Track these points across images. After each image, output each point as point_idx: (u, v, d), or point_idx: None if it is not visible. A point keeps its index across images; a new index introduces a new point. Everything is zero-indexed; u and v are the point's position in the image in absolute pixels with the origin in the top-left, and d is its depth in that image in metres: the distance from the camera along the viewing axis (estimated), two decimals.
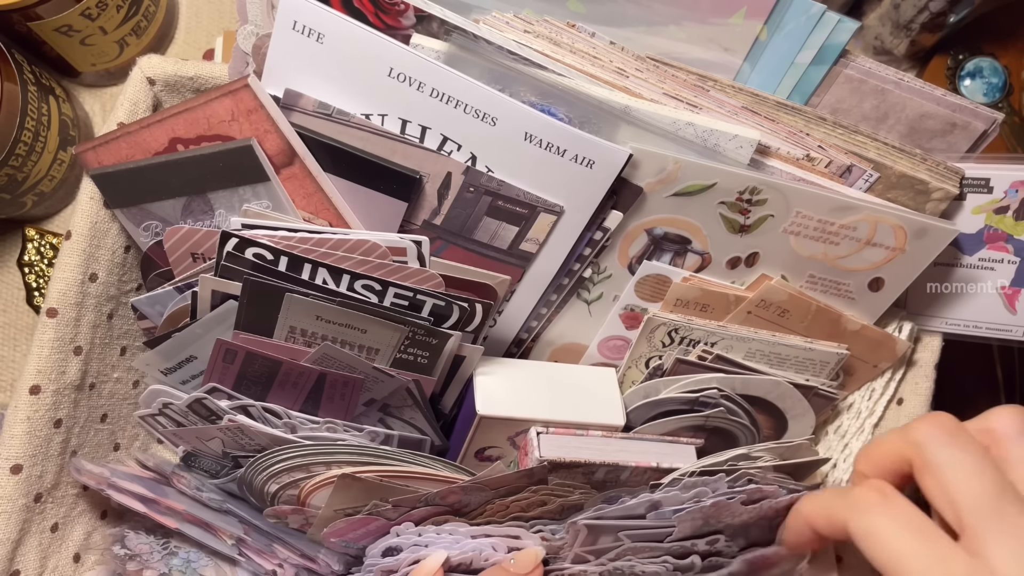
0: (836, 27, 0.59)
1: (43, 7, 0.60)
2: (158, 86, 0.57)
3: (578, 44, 0.57)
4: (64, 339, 0.53)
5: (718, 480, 0.53)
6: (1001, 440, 0.39)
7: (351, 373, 0.53)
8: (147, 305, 0.55)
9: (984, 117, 0.61)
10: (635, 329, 0.62)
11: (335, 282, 0.51)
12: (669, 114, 0.54)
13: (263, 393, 0.54)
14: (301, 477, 0.52)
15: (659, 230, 0.58)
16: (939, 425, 0.39)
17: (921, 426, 0.40)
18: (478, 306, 0.53)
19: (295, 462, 0.51)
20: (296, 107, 0.53)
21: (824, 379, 0.63)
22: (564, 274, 0.60)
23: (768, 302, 0.60)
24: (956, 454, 0.38)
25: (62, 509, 0.56)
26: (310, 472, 0.52)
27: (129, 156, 0.53)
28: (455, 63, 0.52)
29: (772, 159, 0.57)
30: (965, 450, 0.38)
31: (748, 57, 0.61)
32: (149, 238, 0.55)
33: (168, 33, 0.75)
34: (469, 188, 0.54)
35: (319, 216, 0.55)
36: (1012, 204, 0.61)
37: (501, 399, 0.57)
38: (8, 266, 0.71)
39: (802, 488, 0.58)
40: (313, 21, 0.51)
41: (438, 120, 0.53)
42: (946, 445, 0.38)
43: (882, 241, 0.58)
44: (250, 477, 0.53)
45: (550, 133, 0.52)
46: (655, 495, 0.52)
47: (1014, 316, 0.64)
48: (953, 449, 0.38)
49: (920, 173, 0.59)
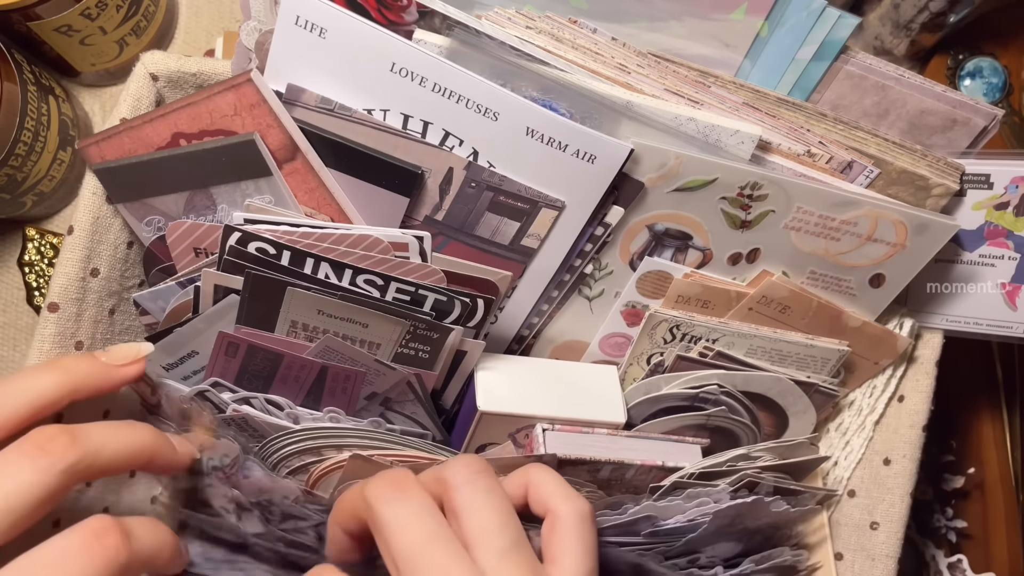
0: (837, 23, 0.59)
1: (43, 7, 0.60)
2: (161, 82, 0.57)
3: (580, 40, 0.57)
4: (65, 334, 0.53)
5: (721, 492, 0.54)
6: (449, 490, 0.39)
7: (353, 366, 0.53)
8: (149, 300, 0.55)
9: (984, 113, 0.62)
10: (636, 326, 0.62)
11: (337, 277, 0.51)
12: (670, 110, 0.54)
13: (265, 388, 0.54)
14: (311, 461, 0.52)
15: (660, 226, 0.58)
16: (388, 483, 0.40)
17: (372, 483, 0.40)
18: (480, 301, 0.53)
19: (306, 444, 0.51)
20: (298, 102, 0.53)
21: (825, 376, 0.63)
22: (565, 270, 0.60)
23: (769, 298, 0.60)
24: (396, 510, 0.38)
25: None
26: (321, 455, 0.52)
27: (132, 151, 0.53)
28: (457, 58, 0.52)
29: (773, 155, 0.57)
30: (406, 505, 0.38)
31: (749, 53, 0.61)
32: (152, 233, 0.55)
33: (168, 33, 0.75)
34: (471, 183, 0.54)
35: (321, 211, 0.55)
36: (1013, 200, 0.61)
37: (502, 395, 0.57)
38: (8, 266, 0.71)
39: (801, 488, 0.58)
40: (316, 16, 0.51)
41: (440, 115, 0.53)
42: (389, 501, 0.39)
43: (883, 237, 0.59)
44: (260, 460, 0.53)
45: (552, 128, 0.52)
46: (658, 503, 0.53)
47: (1014, 313, 0.64)
48: (394, 505, 0.39)
49: (921, 169, 0.59)
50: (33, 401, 0.42)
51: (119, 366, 0.46)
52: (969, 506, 0.80)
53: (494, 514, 0.39)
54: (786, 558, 0.58)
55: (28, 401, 0.42)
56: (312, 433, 0.52)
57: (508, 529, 0.38)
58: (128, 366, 0.47)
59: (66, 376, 0.44)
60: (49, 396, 0.43)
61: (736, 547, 0.57)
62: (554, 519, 0.41)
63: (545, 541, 0.41)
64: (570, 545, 0.40)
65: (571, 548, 0.40)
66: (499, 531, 0.38)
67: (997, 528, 0.77)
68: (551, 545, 0.40)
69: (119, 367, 0.46)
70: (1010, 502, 0.77)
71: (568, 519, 0.40)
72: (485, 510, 0.39)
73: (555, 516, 0.41)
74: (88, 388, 0.45)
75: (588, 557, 0.40)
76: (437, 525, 0.38)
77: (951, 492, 0.82)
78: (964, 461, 0.81)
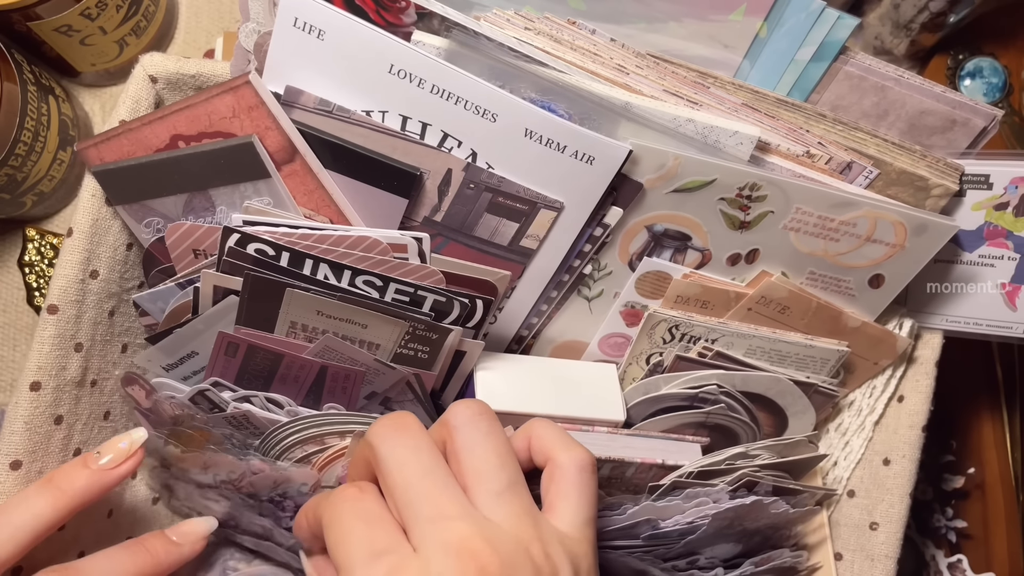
0: (836, 24, 0.59)
1: (43, 7, 0.60)
2: (160, 84, 0.57)
3: (578, 41, 0.57)
4: (65, 336, 0.53)
5: (720, 492, 0.54)
6: (451, 432, 0.40)
7: (352, 366, 0.53)
8: (149, 301, 0.56)
9: (984, 114, 0.62)
10: (635, 326, 0.62)
11: (336, 278, 0.51)
12: (669, 111, 0.54)
13: (264, 387, 0.54)
14: (315, 450, 0.52)
15: (659, 226, 0.58)
16: (390, 423, 0.40)
17: (376, 424, 0.40)
18: (479, 302, 0.53)
19: (309, 432, 0.52)
20: (297, 104, 0.53)
21: (824, 376, 0.63)
22: (564, 271, 0.60)
23: (768, 299, 0.60)
24: (395, 448, 0.39)
25: None
26: (324, 444, 0.52)
27: (131, 153, 0.53)
28: (456, 60, 0.52)
29: (772, 155, 0.57)
30: (404, 443, 0.39)
31: (748, 54, 0.61)
32: (151, 234, 0.55)
33: (168, 33, 0.75)
34: (469, 184, 0.54)
35: (320, 213, 0.55)
36: (1012, 200, 0.61)
37: (502, 394, 0.57)
38: (8, 266, 0.71)
39: (800, 487, 0.58)
40: (314, 18, 0.51)
41: (438, 117, 0.53)
42: (388, 439, 0.39)
43: (882, 237, 0.59)
44: (263, 452, 0.53)
45: (550, 129, 0.52)
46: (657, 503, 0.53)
47: (1014, 313, 0.64)
48: (393, 442, 0.39)
49: (920, 169, 0.59)
50: (34, 530, 0.44)
51: (113, 468, 0.48)
52: (969, 506, 0.80)
53: (492, 454, 0.39)
54: (786, 559, 0.58)
55: (30, 531, 0.44)
56: (315, 420, 0.52)
57: (506, 469, 0.39)
58: (123, 464, 0.48)
59: (63, 498, 0.45)
60: (48, 521, 0.45)
61: (735, 548, 0.57)
62: (553, 467, 0.41)
63: (544, 489, 0.41)
64: (568, 493, 0.40)
65: (569, 496, 0.40)
66: (496, 471, 0.38)
67: (997, 528, 0.77)
68: (549, 493, 0.40)
69: (113, 469, 0.48)
70: (1010, 502, 0.77)
71: (568, 468, 0.40)
72: (482, 449, 0.39)
73: (555, 464, 0.41)
74: (87, 501, 0.47)
75: (587, 506, 0.40)
76: (433, 462, 0.38)
77: (951, 492, 0.82)
78: (964, 461, 0.81)
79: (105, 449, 0.48)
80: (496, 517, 0.37)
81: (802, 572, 0.62)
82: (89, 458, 0.48)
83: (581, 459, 0.41)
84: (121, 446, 0.48)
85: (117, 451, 0.48)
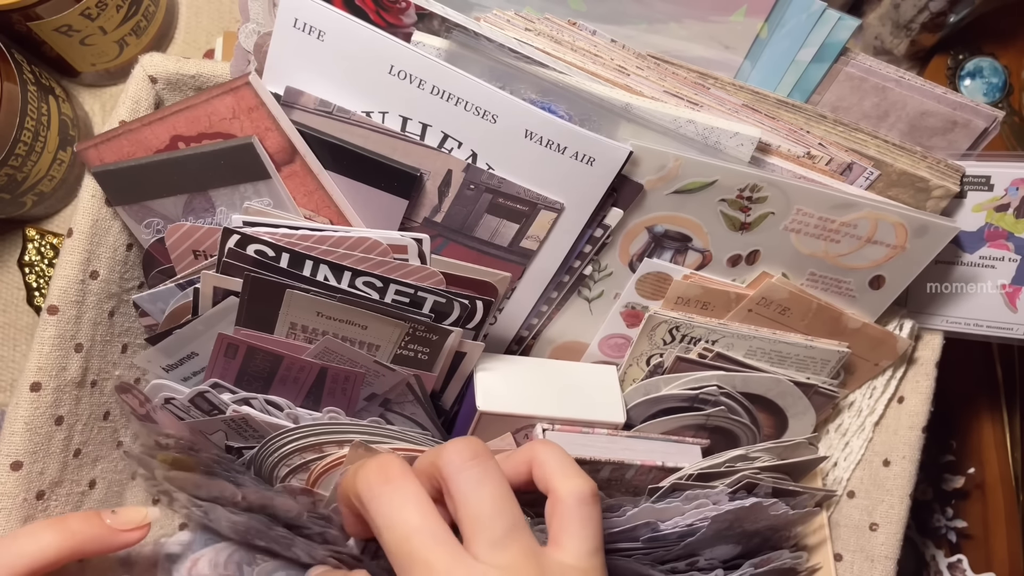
0: (836, 25, 0.59)
1: (43, 7, 0.60)
2: (160, 84, 0.57)
3: (579, 42, 0.57)
4: (65, 336, 0.53)
5: (719, 493, 0.54)
6: (444, 480, 0.40)
7: (352, 367, 0.53)
8: (149, 302, 0.56)
9: (985, 115, 0.62)
10: (636, 327, 0.62)
11: (336, 279, 0.51)
12: (670, 111, 0.54)
13: (264, 389, 0.54)
14: (313, 458, 0.52)
15: (660, 227, 0.58)
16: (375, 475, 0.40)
17: (362, 471, 0.40)
18: (479, 303, 0.53)
19: (308, 441, 0.52)
20: (297, 105, 0.53)
21: (825, 377, 0.63)
22: (565, 272, 0.60)
23: (769, 300, 0.60)
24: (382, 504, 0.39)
25: (67, 507, 0.55)
26: (322, 452, 0.52)
27: (131, 153, 0.53)
28: (456, 61, 0.52)
29: (773, 156, 0.57)
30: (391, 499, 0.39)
31: (749, 55, 0.61)
32: (151, 235, 0.55)
33: (168, 33, 0.75)
34: (470, 185, 0.54)
35: (320, 214, 0.55)
36: (1013, 202, 0.61)
37: (501, 395, 0.57)
38: (8, 266, 0.71)
39: (800, 488, 0.58)
40: (314, 19, 0.51)
41: (439, 117, 0.53)
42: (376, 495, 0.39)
43: (883, 239, 0.58)
44: (260, 459, 0.53)
45: (550, 130, 0.52)
46: (657, 506, 0.53)
47: (1015, 314, 0.64)
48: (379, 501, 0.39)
49: (920, 171, 0.59)
50: (34, 562, 0.44)
51: (123, 531, 0.48)
52: (969, 506, 0.80)
53: (486, 502, 0.38)
54: (785, 560, 0.58)
55: (31, 562, 0.44)
56: (314, 429, 0.52)
57: (503, 516, 0.38)
58: (132, 531, 0.48)
59: (70, 540, 0.45)
60: (50, 558, 0.44)
61: (735, 549, 0.57)
62: (555, 500, 0.41)
63: (548, 519, 0.41)
64: (569, 526, 0.40)
65: (571, 529, 0.40)
66: (493, 519, 0.38)
67: (997, 528, 0.77)
68: (552, 525, 0.40)
69: (123, 532, 0.48)
70: (1010, 502, 0.77)
71: (567, 500, 0.40)
72: (476, 498, 0.39)
73: (555, 497, 0.41)
74: (89, 552, 0.47)
75: (590, 537, 0.40)
76: (422, 518, 0.38)
77: (951, 492, 0.82)
78: (964, 461, 0.81)
79: (123, 512, 0.48)
80: (499, 564, 0.37)
81: (802, 573, 0.62)
82: (105, 513, 0.48)
83: (580, 491, 0.40)
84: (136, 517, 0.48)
85: (132, 518, 0.48)
